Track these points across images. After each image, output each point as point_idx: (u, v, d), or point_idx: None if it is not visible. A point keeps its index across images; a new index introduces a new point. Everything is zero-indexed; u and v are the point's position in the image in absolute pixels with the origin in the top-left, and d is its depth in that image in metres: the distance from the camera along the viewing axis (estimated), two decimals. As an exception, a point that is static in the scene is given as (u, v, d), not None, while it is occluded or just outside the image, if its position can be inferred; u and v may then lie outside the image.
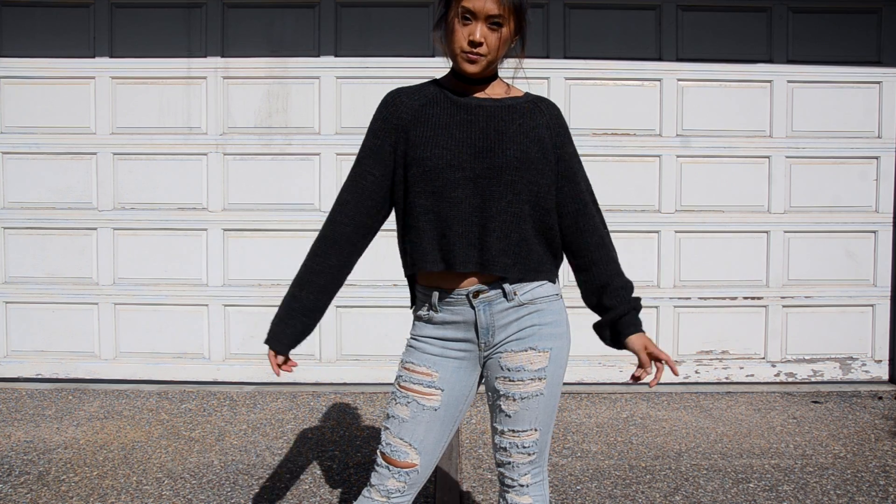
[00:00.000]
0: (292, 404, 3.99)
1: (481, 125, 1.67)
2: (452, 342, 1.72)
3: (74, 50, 4.27)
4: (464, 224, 1.64)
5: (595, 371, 4.37)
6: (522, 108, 1.72)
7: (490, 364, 1.74)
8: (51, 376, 4.34)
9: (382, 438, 1.73)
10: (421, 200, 1.66)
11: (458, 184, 1.64)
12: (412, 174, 1.66)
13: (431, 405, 1.70)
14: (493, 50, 1.64)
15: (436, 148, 1.65)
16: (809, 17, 4.33)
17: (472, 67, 1.65)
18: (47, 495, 2.85)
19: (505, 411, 1.71)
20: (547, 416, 1.73)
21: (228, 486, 2.95)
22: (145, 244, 4.32)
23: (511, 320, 1.70)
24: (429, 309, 1.73)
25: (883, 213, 4.38)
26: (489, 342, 1.71)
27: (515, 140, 1.67)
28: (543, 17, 4.29)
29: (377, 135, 1.72)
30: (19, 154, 4.30)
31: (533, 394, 1.70)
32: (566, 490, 2.95)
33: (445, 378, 1.71)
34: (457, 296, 1.69)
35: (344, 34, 4.27)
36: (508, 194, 1.65)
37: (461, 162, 1.64)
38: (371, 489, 1.72)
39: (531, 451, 1.73)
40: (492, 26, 1.62)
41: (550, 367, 1.71)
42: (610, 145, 4.31)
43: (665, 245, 4.35)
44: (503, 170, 1.65)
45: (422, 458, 1.70)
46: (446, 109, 1.69)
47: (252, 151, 4.28)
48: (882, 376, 4.44)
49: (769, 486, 2.98)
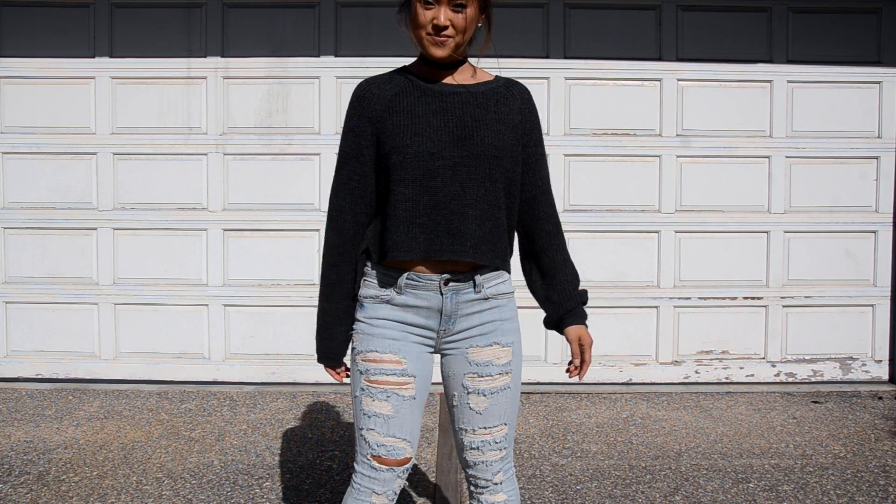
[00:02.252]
0: (292, 404, 3.99)
1: (457, 113, 1.66)
2: (412, 326, 1.69)
3: (74, 50, 4.27)
4: (443, 212, 1.63)
5: (595, 371, 4.36)
6: (496, 94, 1.72)
7: (453, 361, 1.72)
8: (51, 376, 4.34)
9: (370, 441, 1.67)
10: (400, 188, 1.64)
11: (437, 172, 1.63)
12: (393, 162, 1.64)
13: (410, 394, 1.68)
14: (461, 31, 1.63)
15: (416, 136, 1.63)
16: (809, 17, 4.33)
17: (440, 51, 1.64)
18: (47, 495, 2.85)
19: (475, 409, 1.71)
20: (514, 409, 1.75)
21: (228, 486, 2.95)
22: (145, 244, 4.32)
23: (474, 311, 1.70)
24: (390, 289, 1.69)
25: (883, 213, 4.38)
26: (448, 330, 1.70)
27: (492, 128, 1.67)
28: (543, 17, 4.29)
29: (356, 132, 1.70)
30: (19, 154, 4.30)
31: (501, 388, 1.71)
32: (566, 490, 2.95)
33: (413, 364, 1.68)
34: (426, 280, 1.67)
35: (344, 34, 4.27)
36: (487, 182, 1.66)
37: (441, 150, 1.63)
38: (373, 495, 1.66)
39: (503, 445, 1.73)
40: (455, 8, 1.61)
41: (514, 362, 1.74)
42: (610, 145, 4.31)
43: (665, 245, 4.35)
44: (481, 158, 1.65)
45: (413, 447, 1.70)
46: (420, 98, 1.67)
47: (252, 151, 4.28)
48: (882, 376, 4.44)
49: (769, 486, 2.98)
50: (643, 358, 4.38)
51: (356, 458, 1.71)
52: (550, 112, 4.29)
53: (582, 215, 4.32)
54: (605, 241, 4.33)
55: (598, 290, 4.35)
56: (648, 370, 4.38)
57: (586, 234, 4.32)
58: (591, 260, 4.32)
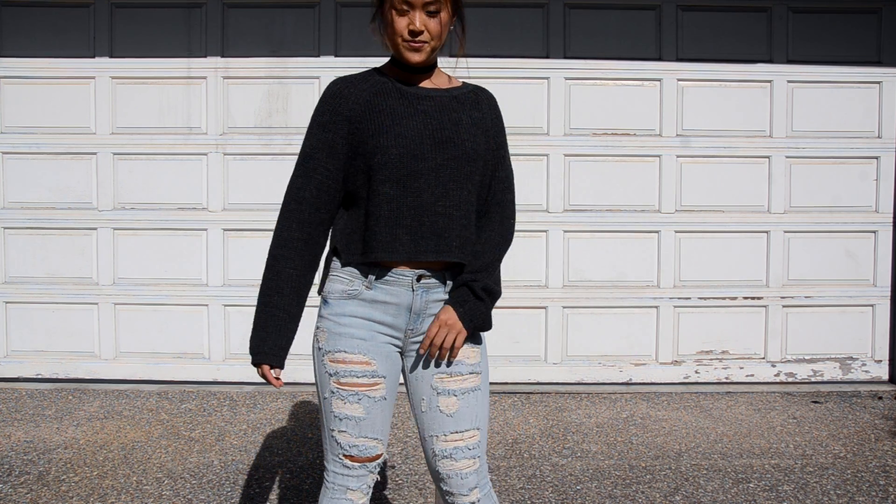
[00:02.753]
0: (292, 404, 3.99)
1: (436, 116, 1.67)
2: (379, 325, 1.67)
3: (74, 50, 4.27)
4: (428, 214, 1.64)
5: (595, 371, 4.37)
6: (468, 99, 1.74)
7: (419, 361, 1.71)
8: (51, 376, 4.34)
9: (342, 442, 1.66)
10: (384, 189, 1.63)
11: (420, 174, 1.64)
12: (376, 162, 1.63)
13: (381, 395, 1.67)
14: (436, 36, 1.64)
15: (398, 137, 1.63)
16: (809, 17, 4.33)
17: (416, 56, 1.64)
18: (47, 495, 2.85)
19: (445, 412, 1.68)
20: (484, 413, 1.73)
21: (228, 486, 2.95)
22: (145, 244, 4.32)
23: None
24: (359, 284, 1.66)
25: (883, 213, 4.38)
26: (416, 329, 1.69)
27: (470, 132, 1.69)
28: (543, 17, 4.29)
29: (327, 128, 1.67)
30: (19, 154, 4.30)
31: (471, 389, 1.70)
32: (566, 490, 2.95)
33: (382, 364, 1.67)
34: (398, 276, 1.66)
35: (344, 34, 4.27)
36: (468, 184, 1.68)
37: (423, 152, 1.64)
38: (348, 492, 1.67)
39: (476, 454, 1.69)
40: (430, 13, 1.62)
41: (483, 364, 1.73)
42: (610, 145, 4.31)
43: (665, 245, 4.35)
44: (462, 160, 1.67)
45: (384, 444, 1.71)
46: (398, 100, 1.67)
47: (252, 151, 4.28)
48: (882, 376, 4.44)
49: (769, 486, 2.98)
50: (643, 358, 4.38)
51: (326, 458, 1.71)
52: (550, 112, 4.29)
53: (582, 215, 4.32)
54: (605, 241, 4.33)
55: (598, 289, 4.35)
56: (648, 370, 4.38)
57: (586, 234, 4.32)
58: (591, 260, 4.32)
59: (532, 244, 4.30)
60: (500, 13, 4.29)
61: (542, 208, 4.31)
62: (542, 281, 4.33)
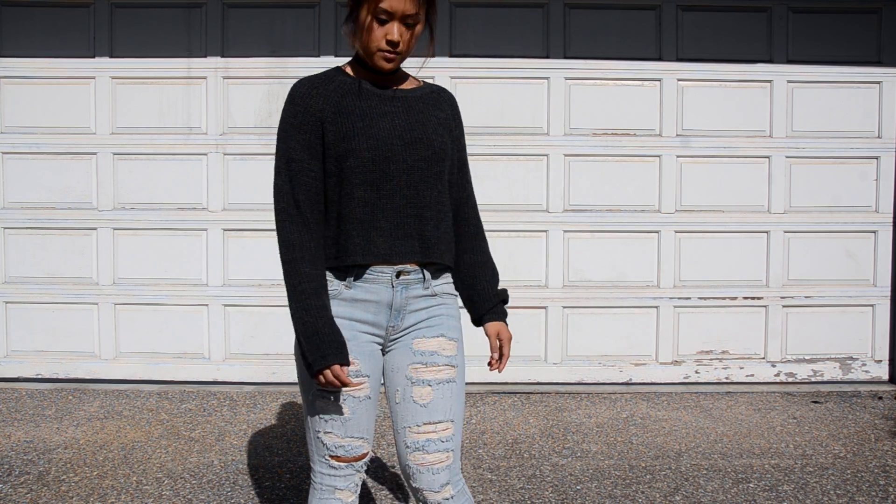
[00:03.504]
0: (292, 404, 3.99)
1: (403, 116, 1.69)
2: (361, 324, 1.67)
3: (74, 50, 4.27)
4: (401, 215, 1.66)
5: (595, 371, 4.37)
6: (431, 99, 1.76)
7: (397, 354, 1.71)
8: (51, 376, 4.34)
9: (328, 443, 1.67)
10: (358, 192, 1.64)
11: (392, 175, 1.65)
12: (348, 165, 1.63)
13: (365, 394, 1.67)
14: (411, 47, 1.67)
15: (369, 139, 1.63)
16: (809, 17, 4.33)
17: (390, 66, 1.66)
18: (47, 495, 2.85)
19: (418, 402, 1.68)
20: (459, 406, 1.73)
21: (228, 486, 2.95)
22: (145, 244, 4.32)
23: (421, 307, 1.72)
24: (338, 284, 1.66)
25: (883, 213, 4.38)
26: (397, 326, 1.70)
27: (437, 132, 1.72)
28: (543, 17, 4.29)
29: (303, 129, 1.65)
30: (19, 154, 4.30)
31: (446, 380, 1.71)
32: (566, 490, 2.95)
33: (366, 363, 1.67)
34: (377, 273, 1.66)
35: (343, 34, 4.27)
36: (438, 184, 1.71)
37: (394, 154, 1.65)
38: (336, 491, 1.69)
39: (449, 447, 1.69)
40: (408, 25, 1.63)
41: (459, 357, 1.75)
42: (610, 145, 4.31)
43: (665, 245, 4.35)
44: (432, 160, 1.69)
45: (369, 442, 1.72)
46: (366, 101, 1.68)
47: (252, 151, 4.28)
48: (882, 376, 4.44)
49: (769, 486, 2.98)
50: (643, 358, 4.38)
51: (313, 459, 1.71)
52: (550, 112, 4.29)
53: (582, 215, 4.32)
54: (605, 241, 4.33)
55: (598, 289, 4.36)
56: (648, 370, 4.38)
57: (586, 234, 4.32)
58: (590, 260, 4.32)
59: (532, 244, 4.31)
60: (500, 13, 4.29)
61: (542, 208, 4.31)
62: (542, 281, 4.33)
